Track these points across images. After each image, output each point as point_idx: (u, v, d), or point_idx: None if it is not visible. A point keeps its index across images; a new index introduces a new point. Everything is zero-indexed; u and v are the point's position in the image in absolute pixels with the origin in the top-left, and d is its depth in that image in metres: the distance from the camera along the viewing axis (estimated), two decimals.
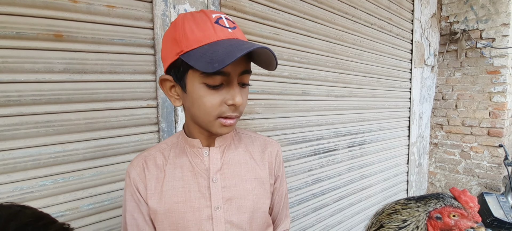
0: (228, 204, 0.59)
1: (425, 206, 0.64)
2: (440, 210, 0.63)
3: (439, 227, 0.63)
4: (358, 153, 2.02)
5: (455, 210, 0.62)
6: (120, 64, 0.96)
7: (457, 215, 0.62)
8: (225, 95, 0.51)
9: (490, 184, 2.78)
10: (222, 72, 0.49)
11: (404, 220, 0.64)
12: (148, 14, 1.01)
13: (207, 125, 0.53)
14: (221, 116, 0.52)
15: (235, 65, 0.50)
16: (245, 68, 0.52)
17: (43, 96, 0.85)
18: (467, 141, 2.90)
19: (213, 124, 0.53)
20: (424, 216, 0.64)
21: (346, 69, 1.83)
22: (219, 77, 0.49)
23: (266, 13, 1.36)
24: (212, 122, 0.53)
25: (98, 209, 0.98)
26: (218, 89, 0.50)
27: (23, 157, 0.84)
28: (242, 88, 0.54)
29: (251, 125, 1.36)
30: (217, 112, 0.51)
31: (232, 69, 0.50)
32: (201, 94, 0.50)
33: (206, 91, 0.50)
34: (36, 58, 0.83)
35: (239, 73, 0.51)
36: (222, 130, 0.54)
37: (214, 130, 0.54)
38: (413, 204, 0.66)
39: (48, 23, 0.84)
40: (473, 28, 2.75)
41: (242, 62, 0.51)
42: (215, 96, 0.50)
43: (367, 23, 1.94)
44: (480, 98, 2.77)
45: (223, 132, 0.54)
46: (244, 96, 0.54)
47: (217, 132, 0.54)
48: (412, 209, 0.65)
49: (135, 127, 1.02)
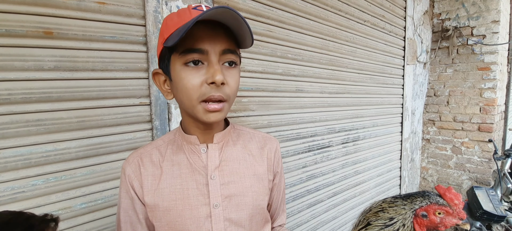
0: (227, 201, 0.58)
1: (411, 204, 0.65)
2: (425, 208, 0.64)
3: (425, 225, 0.64)
4: (352, 149, 2.04)
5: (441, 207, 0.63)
6: (112, 62, 0.95)
7: (442, 213, 0.63)
8: (206, 75, 0.49)
9: (481, 178, 2.84)
10: (198, 49, 0.48)
11: (390, 218, 0.65)
12: (140, 11, 1.00)
13: (192, 111, 0.52)
14: (203, 99, 0.50)
15: (214, 42, 0.48)
16: (227, 47, 0.50)
17: (33, 95, 0.84)
18: (458, 137, 2.95)
19: (198, 110, 0.51)
20: (410, 214, 0.65)
21: (340, 66, 1.85)
22: (195, 54, 0.48)
23: (260, 10, 1.36)
24: (196, 107, 0.51)
25: (91, 208, 0.97)
26: (197, 69, 0.49)
27: (14, 156, 0.83)
28: (229, 68, 0.52)
29: (245, 122, 1.36)
30: (198, 94, 0.49)
31: (210, 46, 0.48)
32: (182, 76, 0.50)
33: (186, 72, 0.49)
34: (26, 56, 0.82)
35: (220, 52, 0.49)
36: (208, 117, 0.51)
37: (200, 117, 0.52)
38: (399, 202, 0.67)
39: (37, 20, 0.82)
40: (464, 25, 2.79)
41: (222, 40, 0.49)
42: (196, 77, 0.49)
43: (360, 20, 1.96)
44: (471, 94, 2.82)
45: (210, 119, 0.51)
46: (230, 77, 0.51)
47: (203, 119, 0.51)
48: (399, 207, 0.66)
49: (128, 125, 1.01)
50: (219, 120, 0.53)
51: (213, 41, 0.48)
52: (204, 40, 0.48)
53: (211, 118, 0.51)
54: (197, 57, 0.49)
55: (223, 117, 0.53)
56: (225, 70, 0.51)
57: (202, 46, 0.48)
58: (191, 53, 0.48)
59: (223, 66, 0.51)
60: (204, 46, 0.48)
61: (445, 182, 3.07)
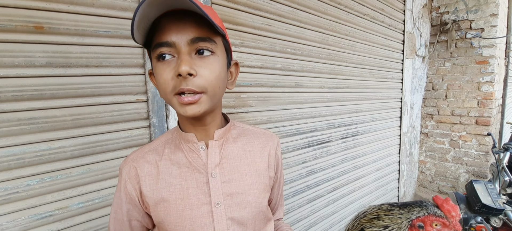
0: (229, 199, 0.56)
1: (408, 214, 0.64)
2: (422, 219, 0.62)
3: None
4: (351, 144, 2.04)
5: (438, 219, 0.61)
6: (107, 57, 0.92)
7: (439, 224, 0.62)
8: (175, 68, 0.46)
9: (478, 171, 2.86)
10: (164, 42, 0.45)
11: (385, 226, 0.63)
12: (134, 4, 0.96)
13: (171, 104, 0.50)
14: (175, 92, 0.47)
15: (181, 32, 0.45)
16: (197, 35, 0.46)
17: (25, 92, 0.81)
18: (456, 130, 2.96)
19: (174, 103, 0.48)
20: (406, 224, 0.63)
21: (339, 60, 1.82)
22: (163, 48, 0.46)
23: (258, 4, 1.33)
24: (171, 101, 0.49)
25: (88, 208, 0.95)
26: (168, 63, 0.47)
27: (6, 156, 0.80)
28: (201, 57, 0.47)
29: (244, 118, 1.34)
30: (170, 88, 0.47)
31: (177, 38, 0.45)
32: (157, 71, 0.48)
33: (159, 67, 0.47)
34: (15, 51, 0.78)
35: (188, 42, 0.46)
36: (185, 110, 0.48)
37: (177, 110, 0.49)
38: (396, 210, 0.65)
39: (27, 14, 0.79)
40: (463, 19, 2.77)
41: (190, 29, 0.46)
42: (167, 71, 0.46)
43: (359, 14, 1.93)
44: (469, 88, 2.82)
45: (187, 113, 0.48)
46: (203, 66, 0.47)
47: (180, 113, 0.49)
48: (395, 216, 0.64)
49: (125, 122, 0.99)
50: (197, 113, 0.48)
51: (180, 31, 0.45)
52: (171, 32, 0.45)
53: (187, 112, 0.48)
54: (166, 51, 0.46)
55: (202, 109, 0.49)
56: (197, 60, 0.47)
57: (169, 39, 0.45)
58: (159, 47, 0.46)
59: (196, 56, 0.47)
60: (171, 38, 0.45)
61: (443, 175, 3.09)
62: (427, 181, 3.24)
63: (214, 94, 0.50)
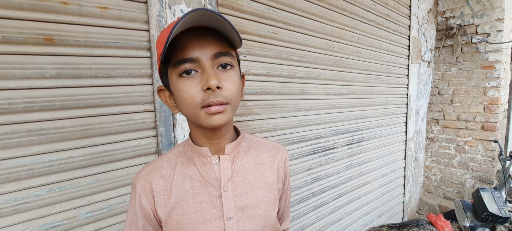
0: (240, 213, 0.57)
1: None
2: None
3: None
4: (357, 150, 2.02)
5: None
6: (115, 68, 0.93)
7: None
8: (201, 82, 0.48)
9: (484, 177, 2.83)
10: (188, 59, 0.47)
11: None
12: (143, 15, 0.97)
13: (196, 119, 0.50)
14: (203, 105, 0.48)
15: (204, 48, 0.47)
16: (218, 50, 0.48)
17: (35, 104, 0.81)
18: (462, 135, 2.93)
19: (200, 116, 0.49)
20: None
21: (345, 67, 1.82)
22: (187, 64, 0.47)
23: (264, 12, 1.33)
24: (198, 115, 0.49)
25: (96, 217, 0.95)
26: (192, 78, 0.48)
27: (16, 167, 0.81)
28: (224, 71, 0.50)
29: (250, 126, 1.34)
30: (198, 101, 0.48)
31: (201, 53, 0.47)
32: (179, 88, 0.49)
33: (182, 83, 0.48)
34: (26, 63, 0.79)
35: (212, 57, 0.48)
36: (212, 120, 0.49)
37: (204, 122, 0.50)
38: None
39: (37, 26, 0.80)
40: (469, 23, 2.75)
41: (211, 44, 0.48)
42: (192, 86, 0.48)
43: (365, 20, 1.93)
44: (475, 93, 2.80)
45: (214, 123, 0.49)
46: (226, 80, 0.49)
47: (207, 123, 0.49)
48: None
49: (133, 132, 0.99)
50: (223, 122, 0.50)
51: (202, 47, 0.47)
52: (193, 48, 0.47)
53: (214, 121, 0.49)
54: (189, 67, 0.48)
55: (227, 119, 0.50)
56: (220, 74, 0.49)
57: (192, 55, 0.47)
58: (183, 63, 0.47)
59: (218, 70, 0.49)
60: (194, 54, 0.47)
61: (448, 181, 3.06)
62: (432, 187, 3.21)
63: (235, 105, 0.53)
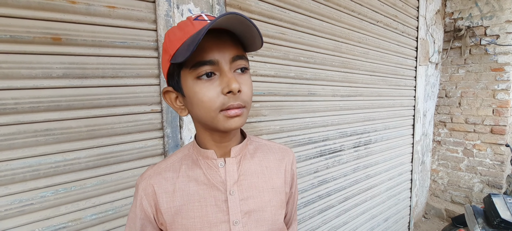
0: (246, 217, 0.55)
1: None
2: None
3: None
4: (364, 153, 1.99)
5: None
6: (122, 68, 0.91)
7: None
8: (220, 85, 0.47)
9: (493, 181, 2.78)
10: (208, 61, 0.46)
11: None
12: (151, 15, 0.96)
13: (212, 122, 0.49)
14: (223, 108, 0.48)
15: (223, 51, 0.47)
16: (236, 53, 0.48)
17: (41, 104, 0.80)
18: (470, 139, 2.88)
19: (218, 120, 0.48)
20: None
21: (352, 68, 1.79)
22: (207, 67, 0.46)
23: (273, 12, 1.31)
24: (216, 118, 0.48)
25: (101, 219, 0.94)
26: (211, 81, 0.47)
27: (22, 168, 0.80)
28: (241, 74, 0.50)
29: (257, 128, 1.32)
30: (217, 105, 0.47)
31: (220, 56, 0.47)
32: (196, 90, 0.48)
33: (200, 86, 0.47)
34: (33, 63, 0.78)
35: (230, 60, 0.48)
36: (230, 124, 0.49)
37: (221, 126, 0.49)
38: None
39: (44, 26, 0.79)
40: (478, 25, 2.71)
41: (230, 47, 0.48)
42: (210, 89, 0.47)
43: (373, 21, 1.90)
44: (484, 95, 2.75)
45: (231, 126, 0.49)
46: (243, 83, 0.49)
47: (225, 127, 0.49)
48: None
49: (139, 133, 0.98)
50: (240, 125, 0.50)
51: (221, 50, 0.47)
52: (213, 51, 0.46)
53: (232, 125, 0.49)
54: (209, 69, 0.47)
55: (243, 122, 0.51)
56: (238, 77, 0.49)
57: (212, 57, 0.46)
58: (202, 66, 0.46)
59: (235, 73, 0.49)
60: (214, 57, 0.46)
61: (456, 184, 3.01)
62: (439, 190, 3.16)
63: (250, 108, 0.53)
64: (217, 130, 0.51)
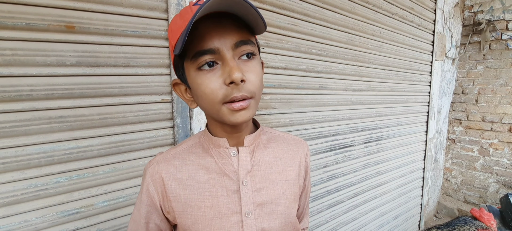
0: (259, 209, 0.53)
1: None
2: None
3: None
4: (375, 149, 1.95)
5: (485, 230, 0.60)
6: (134, 57, 0.92)
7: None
8: (223, 76, 0.44)
9: (509, 182, 2.68)
10: (208, 50, 0.43)
11: None
12: (162, 4, 0.95)
13: (218, 115, 0.47)
14: (226, 101, 0.45)
15: (224, 37, 0.43)
16: (240, 39, 0.44)
17: (55, 91, 0.81)
18: (486, 137, 2.78)
19: (223, 112, 0.46)
20: None
21: (365, 62, 1.75)
22: (207, 56, 0.43)
23: (284, 2, 1.28)
24: (220, 111, 0.46)
25: (113, 206, 0.96)
26: (213, 71, 0.44)
27: (37, 153, 0.82)
28: (246, 61, 0.46)
29: (267, 120, 1.31)
30: (220, 97, 0.44)
31: (221, 43, 0.43)
32: (198, 82, 0.45)
33: (202, 77, 0.44)
34: (47, 51, 0.79)
35: (232, 46, 0.44)
36: (235, 118, 0.46)
37: (227, 119, 0.46)
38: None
39: (59, 14, 0.79)
40: (499, 19, 2.59)
41: (232, 32, 0.44)
42: (212, 79, 0.44)
43: (388, 13, 1.84)
44: (503, 93, 2.63)
45: (237, 120, 0.46)
46: (249, 71, 0.45)
47: (231, 121, 0.46)
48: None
49: (150, 122, 0.98)
50: (247, 119, 0.47)
51: (222, 36, 0.43)
52: (213, 38, 0.43)
53: (238, 118, 0.46)
54: (210, 59, 0.43)
55: (251, 115, 0.47)
56: (242, 65, 0.45)
57: (212, 46, 0.43)
58: (202, 55, 0.43)
59: (240, 61, 0.45)
60: (214, 45, 0.43)
61: (470, 184, 2.92)
62: (452, 190, 3.08)
63: (259, 98, 0.49)
64: (225, 123, 0.49)
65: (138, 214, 0.57)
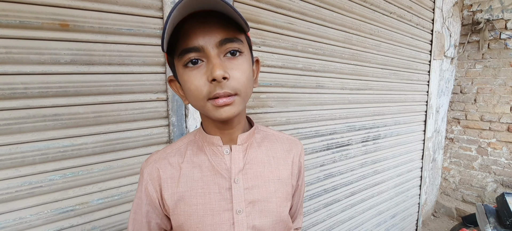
0: (250, 207, 0.54)
1: None
2: None
3: None
4: (372, 148, 1.96)
5: None
6: (129, 56, 0.92)
7: None
8: (206, 73, 0.44)
9: (507, 181, 2.68)
10: (192, 48, 0.43)
11: None
12: (157, 2, 0.95)
13: (204, 111, 0.48)
14: (210, 97, 0.45)
15: (208, 35, 0.43)
16: (225, 36, 0.44)
17: (50, 89, 0.82)
18: (485, 137, 2.78)
19: (208, 108, 0.47)
20: None
21: (362, 61, 1.75)
22: (192, 54, 0.44)
23: (281, 1, 1.28)
24: (205, 107, 0.47)
25: (107, 204, 0.96)
26: (198, 68, 0.45)
27: (31, 151, 0.82)
28: (231, 59, 0.46)
29: (263, 119, 1.31)
30: (204, 93, 0.45)
31: (205, 41, 0.43)
32: (185, 79, 0.46)
33: (188, 74, 0.45)
34: (41, 49, 0.79)
35: (217, 44, 0.44)
36: (220, 113, 0.46)
37: (212, 115, 0.47)
38: None
39: (53, 12, 0.79)
40: (498, 18, 2.58)
41: (217, 30, 0.44)
42: (197, 77, 0.45)
43: (386, 12, 1.84)
44: (502, 92, 2.63)
45: (222, 115, 0.46)
46: (234, 68, 0.45)
47: (216, 116, 0.47)
48: None
49: (145, 120, 0.98)
50: (232, 114, 0.47)
51: (206, 34, 0.44)
52: (197, 36, 0.43)
53: (223, 114, 0.46)
54: (194, 56, 0.44)
55: (236, 111, 0.47)
56: (227, 62, 0.45)
57: (196, 44, 0.43)
58: (187, 53, 0.44)
59: (225, 58, 0.46)
60: (198, 43, 0.43)
61: (468, 183, 2.93)
62: (450, 189, 3.08)
63: (246, 95, 0.49)
64: (212, 118, 0.50)
65: (139, 213, 0.58)
